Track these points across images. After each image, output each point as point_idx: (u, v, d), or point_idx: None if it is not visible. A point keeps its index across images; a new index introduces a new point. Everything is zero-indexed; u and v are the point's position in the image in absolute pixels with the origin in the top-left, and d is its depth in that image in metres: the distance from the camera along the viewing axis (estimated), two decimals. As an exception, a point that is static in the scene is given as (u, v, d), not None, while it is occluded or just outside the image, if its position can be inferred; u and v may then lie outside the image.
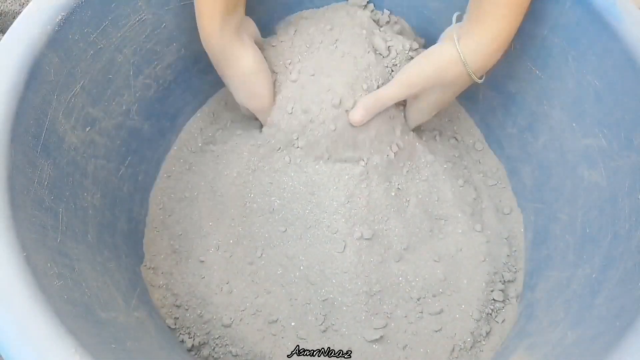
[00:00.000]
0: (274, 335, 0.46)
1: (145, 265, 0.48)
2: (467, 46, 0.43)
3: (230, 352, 0.45)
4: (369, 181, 0.49)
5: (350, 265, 0.46)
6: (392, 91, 0.47)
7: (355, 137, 0.48)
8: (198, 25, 0.45)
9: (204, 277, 0.48)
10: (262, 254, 0.49)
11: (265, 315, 0.47)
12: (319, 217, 0.48)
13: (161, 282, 0.48)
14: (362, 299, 0.46)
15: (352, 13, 0.53)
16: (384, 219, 0.49)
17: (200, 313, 0.47)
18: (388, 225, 0.49)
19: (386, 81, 0.49)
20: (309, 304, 0.46)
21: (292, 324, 0.46)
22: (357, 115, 0.46)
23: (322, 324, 0.46)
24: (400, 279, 0.48)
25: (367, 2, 0.55)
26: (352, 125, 0.47)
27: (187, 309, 0.47)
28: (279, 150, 0.50)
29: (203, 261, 0.49)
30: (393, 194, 0.50)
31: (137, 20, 0.44)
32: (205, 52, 0.46)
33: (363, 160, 0.49)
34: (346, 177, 0.48)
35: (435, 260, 0.49)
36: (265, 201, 0.49)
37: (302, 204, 0.48)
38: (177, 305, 0.47)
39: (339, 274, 0.46)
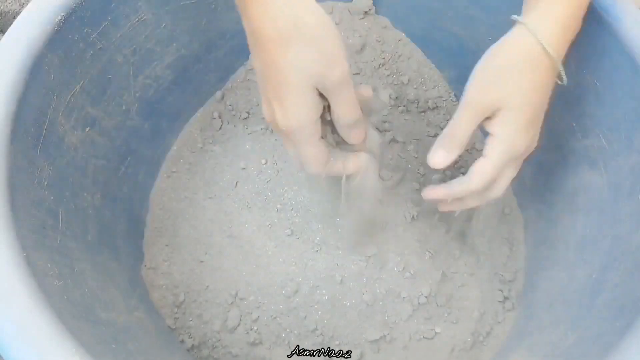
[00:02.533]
0: (274, 335, 0.46)
1: (145, 265, 0.48)
2: (541, 24, 0.34)
3: (230, 352, 0.45)
4: None
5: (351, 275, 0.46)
6: (463, 118, 0.36)
7: None
8: None
9: (203, 278, 0.48)
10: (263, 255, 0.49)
11: (265, 315, 0.47)
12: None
13: (161, 282, 0.48)
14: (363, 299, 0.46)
15: None
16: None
17: (200, 313, 0.47)
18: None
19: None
20: (310, 304, 0.46)
21: (292, 323, 0.46)
22: (438, 157, 0.37)
23: (322, 324, 0.46)
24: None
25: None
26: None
27: (187, 309, 0.47)
28: None
29: (202, 261, 0.49)
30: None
31: (137, 20, 0.44)
32: (205, 52, 0.46)
33: None
34: None
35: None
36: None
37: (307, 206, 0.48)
38: (177, 305, 0.47)
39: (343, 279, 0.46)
